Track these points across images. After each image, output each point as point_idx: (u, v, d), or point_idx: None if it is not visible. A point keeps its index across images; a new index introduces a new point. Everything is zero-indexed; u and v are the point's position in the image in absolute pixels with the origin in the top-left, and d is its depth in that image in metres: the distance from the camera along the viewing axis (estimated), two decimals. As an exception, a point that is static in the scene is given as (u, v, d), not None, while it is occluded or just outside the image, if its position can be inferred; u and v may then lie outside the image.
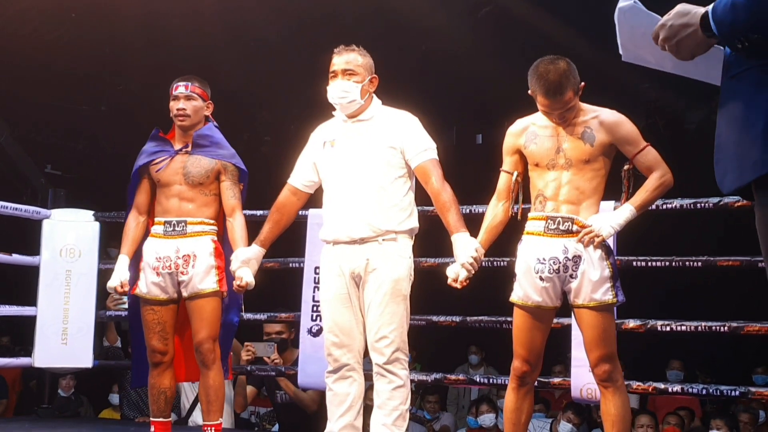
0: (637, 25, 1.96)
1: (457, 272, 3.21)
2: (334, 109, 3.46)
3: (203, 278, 3.69)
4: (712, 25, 1.72)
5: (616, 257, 4.03)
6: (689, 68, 1.95)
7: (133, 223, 3.86)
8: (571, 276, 3.09)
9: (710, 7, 1.74)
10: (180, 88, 3.78)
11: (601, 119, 3.13)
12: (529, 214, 3.22)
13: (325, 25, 6.02)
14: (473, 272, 3.20)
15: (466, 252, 3.21)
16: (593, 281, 3.06)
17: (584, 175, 3.11)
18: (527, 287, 3.14)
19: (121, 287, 3.76)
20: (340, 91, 3.35)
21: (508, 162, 3.29)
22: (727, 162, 1.76)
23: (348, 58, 3.37)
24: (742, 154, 1.71)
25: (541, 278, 3.11)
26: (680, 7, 1.80)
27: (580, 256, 3.08)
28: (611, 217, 3.09)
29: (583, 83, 3.12)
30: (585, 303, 3.08)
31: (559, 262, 3.09)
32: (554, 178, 3.13)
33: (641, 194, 3.11)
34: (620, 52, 2.06)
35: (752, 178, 1.70)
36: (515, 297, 3.18)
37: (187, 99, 3.76)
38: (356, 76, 3.36)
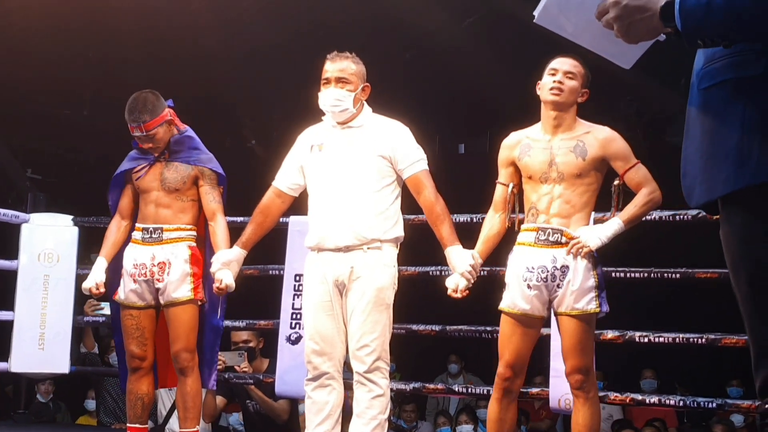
0: None
1: (456, 282, 3.26)
2: (321, 114, 3.45)
3: (177, 287, 3.68)
4: (677, 17, 1.64)
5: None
6: (606, 46, 1.89)
7: (115, 227, 3.86)
8: (558, 285, 3.15)
9: None
10: (135, 131, 3.68)
11: (595, 135, 3.20)
12: (522, 226, 3.28)
13: (310, 32, 6.03)
14: (473, 281, 3.24)
15: (463, 261, 3.24)
16: (578, 290, 3.13)
17: (575, 190, 3.18)
18: (515, 295, 3.19)
19: (96, 288, 3.75)
20: (333, 99, 3.33)
21: (504, 174, 3.35)
22: (696, 175, 1.73)
23: (342, 66, 3.35)
24: (713, 168, 1.68)
25: (529, 286, 3.17)
26: None
27: (567, 266, 3.14)
28: (599, 230, 3.16)
29: (587, 91, 3.23)
30: (567, 311, 3.14)
31: (547, 271, 3.15)
32: (547, 192, 3.20)
33: (630, 209, 3.18)
34: (535, 13, 1.94)
35: (723, 194, 1.68)
36: (503, 305, 3.24)
37: (148, 139, 3.71)
38: (349, 84, 3.34)
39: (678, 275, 4.12)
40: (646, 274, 4.17)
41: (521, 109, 3.35)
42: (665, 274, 4.13)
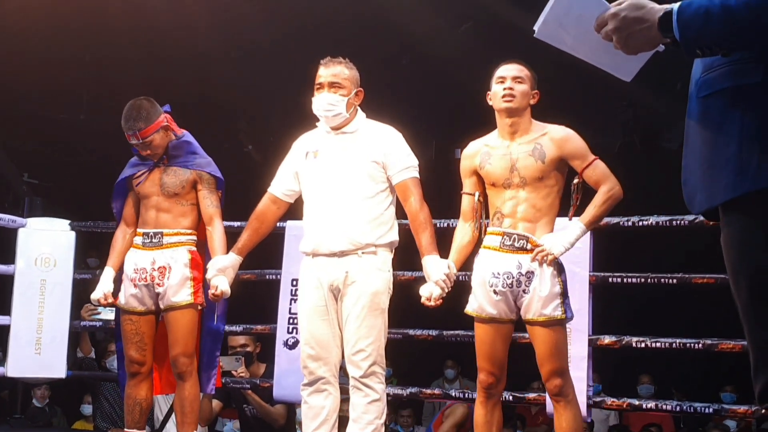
0: (578, 5, 1.85)
1: (430, 291, 3.26)
2: (316, 121, 3.46)
3: (177, 291, 3.68)
4: (675, 27, 1.65)
5: (592, 273, 4.10)
6: (606, 59, 1.88)
7: (120, 235, 3.86)
8: (523, 291, 3.16)
9: (674, 7, 1.66)
10: (131, 139, 3.69)
11: (551, 135, 3.21)
12: (488, 230, 3.29)
13: (307, 38, 6.04)
14: (447, 290, 3.25)
15: (438, 270, 3.25)
16: (544, 297, 3.14)
17: (539, 193, 3.19)
18: (482, 299, 3.22)
19: (105, 299, 3.76)
20: (326, 104, 3.34)
21: (468, 184, 3.38)
22: (696, 183, 1.74)
23: (335, 71, 3.36)
24: (713, 175, 1.69)
25: (495, 292, 3.19)
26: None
27: (533, 272, 3.15)
28: (563, 236, 3.16)
29: (537, 92, 3.25)
30: (535, 318, 3.15)
31: (513, 277, 3.17)
32: (511, 197, 3.22)
33: (590, 210, 3.19)
34: (535, 27, 1.93)
35: (724, 200, 1.68)
36: (470, 308, 3.27)
37: (145, 146, 3.72)
38: (342, 89, 3.35)
39: (675, 280, 4.12)
40: (642, 280, 4.17)
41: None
42: (662, 280, 4.14)
